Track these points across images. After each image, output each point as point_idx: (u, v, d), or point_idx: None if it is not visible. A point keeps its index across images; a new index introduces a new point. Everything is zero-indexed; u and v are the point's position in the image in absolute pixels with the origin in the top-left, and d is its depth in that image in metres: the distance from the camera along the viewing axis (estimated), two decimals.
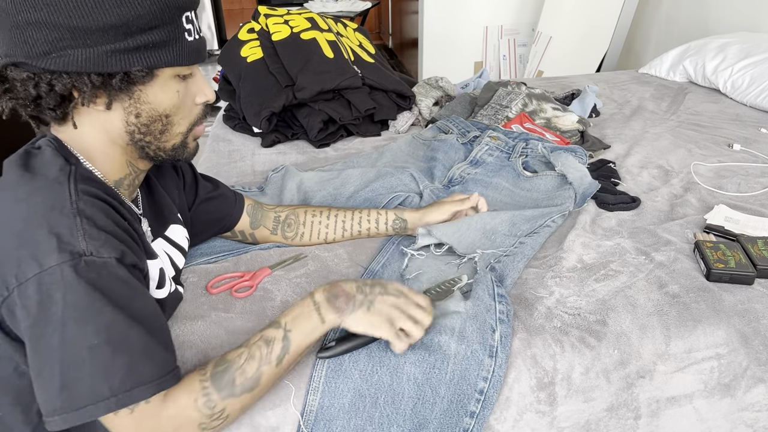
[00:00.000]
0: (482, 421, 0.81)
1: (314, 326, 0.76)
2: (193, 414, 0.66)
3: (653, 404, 0.90)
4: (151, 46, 0.67)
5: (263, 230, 1.08)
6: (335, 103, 1.65)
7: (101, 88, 0.67)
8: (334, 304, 0.77)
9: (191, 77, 0.75)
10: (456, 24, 3.35)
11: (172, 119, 0.74)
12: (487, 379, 0.82)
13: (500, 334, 0.86)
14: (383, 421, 0.79)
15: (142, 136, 0.73)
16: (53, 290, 0.60)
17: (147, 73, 0.68)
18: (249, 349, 0.72)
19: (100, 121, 0.70)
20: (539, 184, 1.32)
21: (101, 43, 0.64)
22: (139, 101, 0.70)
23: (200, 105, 0.77)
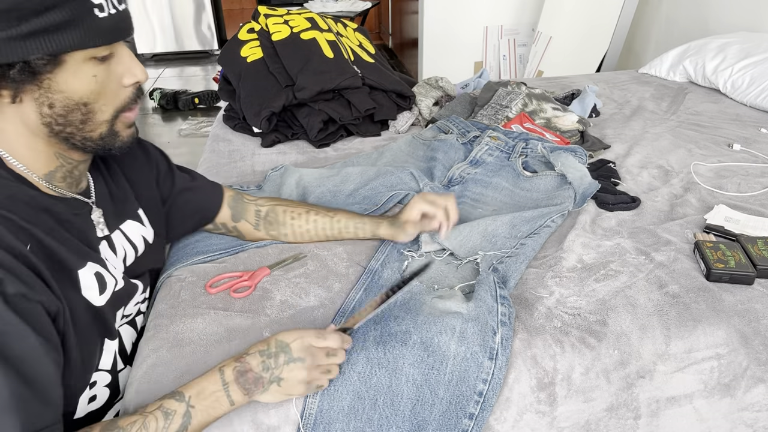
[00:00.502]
0: (481, 422, 0.81)
1: (219, 406, 0.70)
2: None
3: (653, 404, 0.90)
4: (50, 29, 0.59)
5: (246, 224, 1.06)
6: (335, 103, 1.65)
7: (2, 80, 0.60)
8: (243, 385, 0.71)
9: (114, 57, 0.66)
10: (456, 24, 3.35)
11: (92, 107, 0.66)
12: (486, 381, 0.82)
13: (501, 336, 0.86)
14: (382, 423, 0.78)
15: (61, 127, 0.66)
16: None
17: (50, 60, 0.60)
18: (144, 418, 0.65)
19: (14, 114, 0.64)
20: (539, 184, 1.32)
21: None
22: (49, 90, 0.63)
23: (129, 87, 0.69)
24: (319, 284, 0.99)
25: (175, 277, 1.00)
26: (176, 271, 1.02)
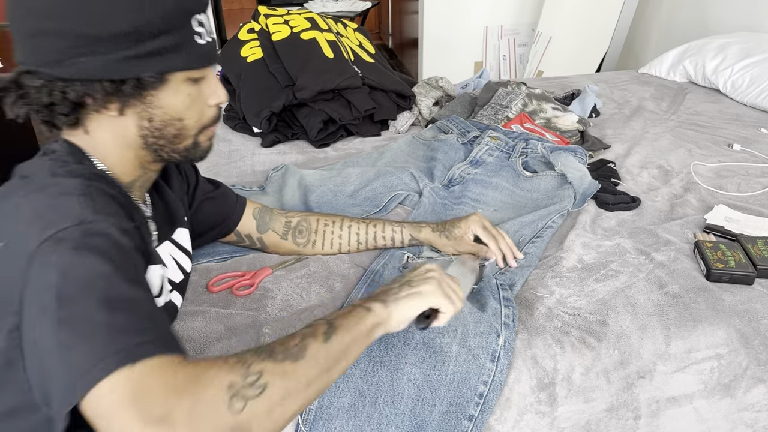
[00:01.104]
0: (481, 424, 0.81)
1: (360, 315, 0.69)
2: (219, 371, 0.52)
3: (653, 404, 0.90)
4: (162, 51, 0.67)
5: (272, 235, 1.05)
6: (335, 103, 1.65)
7: (114, 94, 0.67)
8: (375, 297, 0.73)
9: (204, 79, 0.74)
10: (456, 24, 3.35)
11: (185, 123, 0.73)
12: (487, 383, 0.82)
13: (504, 339, 0.86)
14: (382, 421, 0.78)
15: (155, 139, 0.72)
16: (51, 254, 0.55)
17: (158, 78, 0.68)
18: (287, 335, 0.64)
19: (114, 125, 0.70)
20: (539, 184, 1.32)
21: (112, 51, 0.64)
22: (151, 106, 0.70)
23: (213, 107, 0.77)
24: (321, 284, 0.99)
25: None
26: None
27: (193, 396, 0.49)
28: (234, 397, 0.51)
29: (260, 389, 0.54)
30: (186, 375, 0.51)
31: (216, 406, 0.50)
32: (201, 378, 0.51)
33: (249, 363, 0.55)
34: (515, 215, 1.21)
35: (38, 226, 0.57)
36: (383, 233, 1.07)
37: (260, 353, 0.57)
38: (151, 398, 0.49)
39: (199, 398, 0.50)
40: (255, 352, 0.58)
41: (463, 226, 1.04)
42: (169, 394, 0.49)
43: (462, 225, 1.04)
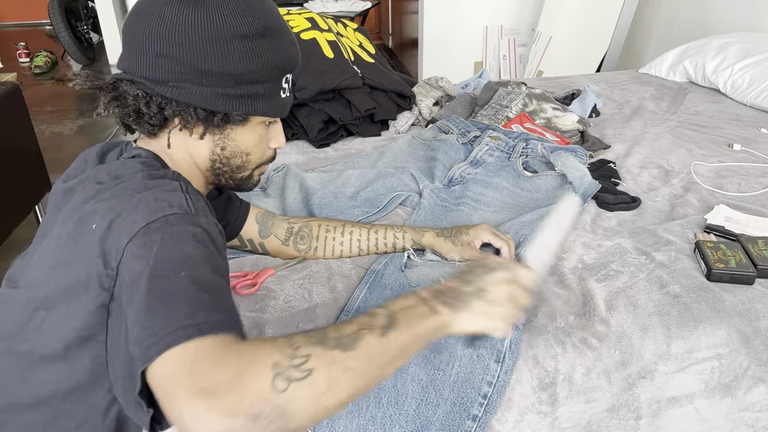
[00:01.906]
0: (484, 425, 0.81)
1: (423, 314, 0.64)
2: (266, 350, 0.53)
3: (654, 404, 0.90)
4: (253, 96, 0.76)
5: (274, 240, 1.06)
6: (335, 103, 1.65)
7: (202, 121, 0.75)
8: (442, 298, 0.66)
9: (273, 124, 0.84)
10: (456, 24, 3.35)
11: (250, 157, 0.82)
12: (491, 383, 0.82)
13: (510, 340, 0.86)
14: (386, 421, 0.79)
15: (221, 165, 0.81)
16: (155, 233, 0.61)
17: (244, 117, 0.77)
18: (346, 321, 0.63)
19: (189, 145, 0.78)
20: (539, 184, 1.32)
21: (214, 86, 0.73)
22: (228, 138, 0.79)
23: (272, 150, 0.87)
24: (323, 284, 0.99)
25: None
26: None
27: (237, 371, 0.50)
28: (278, 377, 0.51)
29: (306, 373, 0.53)
30: (235, 351, 0.53)
31: (259, 382, 0.50)
32: (247, 354, 0.52)
33: (297, 345, 0.54)
34: (515, 215, 1.21)
35: (145, 211, 0.63)
36: (385, 239, 1.08)
37: (311, 337, 0.56)
38: (201, 371, 0.51)
39: (243, 373, 0.50)
40: (306, 335, 0.57)
41: (472, 234, 1.05)
42: (216, 368, 0.51)
43: (471, 232, 1.05)
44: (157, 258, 0.59)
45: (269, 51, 0.75)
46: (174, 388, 0.50)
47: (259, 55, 0.74)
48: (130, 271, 0.60)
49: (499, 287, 0.68)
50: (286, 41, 0.79)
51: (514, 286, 0.69)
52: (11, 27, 6.04)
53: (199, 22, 0.71)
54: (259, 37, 0.74)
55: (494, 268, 0.70)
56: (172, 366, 0.52)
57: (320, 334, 0.57)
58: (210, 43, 0.72)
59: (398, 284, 0.98)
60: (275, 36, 0.76)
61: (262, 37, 0.74)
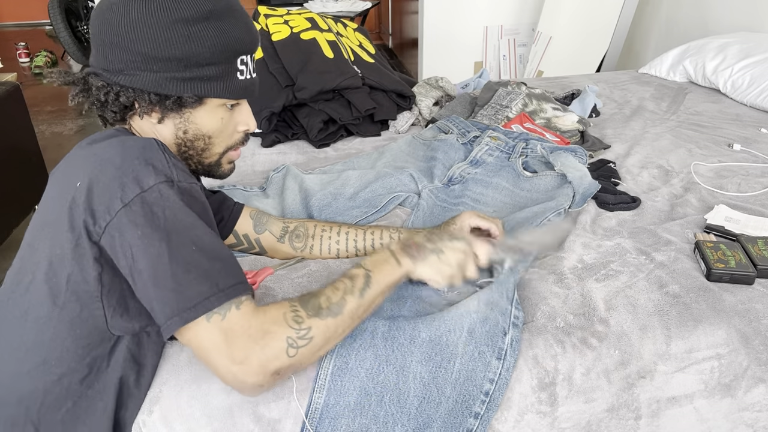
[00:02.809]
0: (486, 422, 0.81)
1: (392, 268, 0.83)
2: (281, 327, 0.70)
3: (654, 404, 0.90)
4: (204, 78, 0.79)
5: (269, 236, 1.06)
6: (335, 103, 1.65)
7: (157, 105, 0.79)
8: (408, 251, 0.86)
9: (238, 107, 0.86)
10: (456, 24, 3.35)
11: (213, 140, 0.85)
12: (493, 381, 0.82)
13: (511, 337, 0.86)
14: (388, 420, 0.79)
15: (186, 149, 0.84)
16: (155, 206, 0.68)
17: (196, 99, 0.80)
18: (333, 283, 0.79)
19: (155, 130, 0.82)
20: (539, 185, 1.32)
21: (163, 71, 0.77)
22: (187, 121, 0.82)
23: (241, 132, 0.88)
24: (322, 284, 0.99)
25: None
26: None
27: (263, 345, 0.68)
28: (290, 347, 0.70)
29: (308, 340, 0.72)
30: (260, 325, 0.69)
31: (278, 353, 0.69)
32: (269, 331, 0.69)
33: (301, 320, 0.72)
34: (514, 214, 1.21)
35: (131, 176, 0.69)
36: (381, 239, 1.08)
37: (309, 308, 0.74)
38: (236, 342, 0.68)
39: (267, 346, 0.69)
40: (305, 305, 0.74)
41: (458, 223, 1.07)
42: (249, 341, 0.68)
43: (457, 222, 1.07)
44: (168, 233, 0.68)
45: (216, 33, 0.77)
46: (212, 354, 0.68)
47: (204, 37, 0.77)
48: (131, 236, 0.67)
49: (455, 253, 0.88)
50: (236, 23, 0.80)
51: (467, 257, 0.89)
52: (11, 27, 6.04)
53: (144, 9, 0.75)
54: (204, 20, 0.76)
55: (457, 238, 0.90)
56: (207, 333, 0.67)
57: (316, 305, 0.74)
58: (154, 29, 0.75)
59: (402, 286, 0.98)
60: (222, 18, 0.78)
61: (207, 20, 0.77)
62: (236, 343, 0.68)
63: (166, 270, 0.67)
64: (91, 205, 0.68)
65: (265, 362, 0.68)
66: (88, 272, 0.70)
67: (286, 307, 0.73)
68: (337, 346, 0.82)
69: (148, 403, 0.78)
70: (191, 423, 0.77)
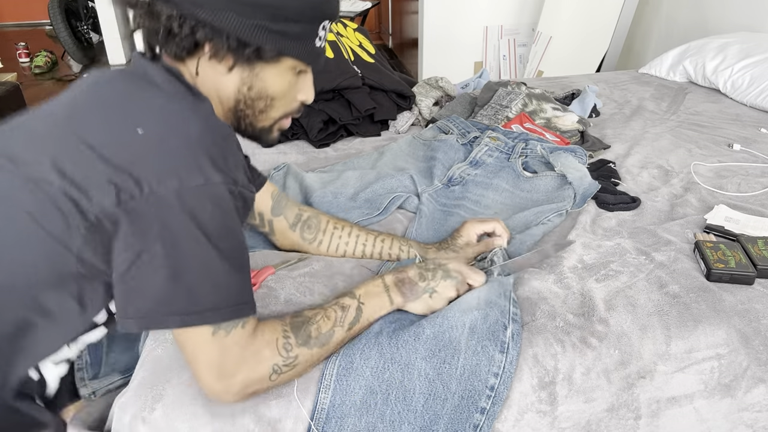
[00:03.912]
0: (492, 417, 0.81)
1: (383, 304, 0.84)
2: (272, 353, 0.72)
3: (653, 404, 0.90)
4: (288, 35, 0.74)
5: (283, 221, 1.04)
6: (335, 103, 1.65)
7: (233, 52, 0.73)
8: (401, 288, 0.86)
9: (304, 74, 0.82)
10: (456, 24, 3.35)
11: (274, 103, 0.80)
12: (497, 375, 0.82)
13: (512, 331, 0.86)
14: (394, 418, 0.79)
15: (245, 107, 0.79)
16: (209, 203, 0.65)
17: (275, 55, 0.75)
18: (325, 311, 0.79)
19: (217, 77, 0.76)
20: (539, 185, 1.32)
21: (251, 16, 0.71)
22: (256, 77, 0.77)
23: (298, 102, 0.84)
24: (324, 283, 0.99)
25: None
26: None
27: (252, 367, 0.70)
28: (274, 373, 0.72)
29: (292, 368, 0.74)
30: (255, 349, 0.70)
31: (262, 377, 0.71)
32: (261, 355, 0.71)
33: (290, 347, 0.73)
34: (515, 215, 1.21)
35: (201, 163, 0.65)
36: (390, 249, 1.08)
37: (299, 337, 0.75)
38: (229, 360, 0.68)
39: (255, 370, 0.70)
40: (297, 332, 0.75)
41: (464, 234, 1.07)
42: (241, 362, 0.69)
43: (462, 234, 1.08)
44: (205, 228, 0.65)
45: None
46: (201, 365, 0.68)
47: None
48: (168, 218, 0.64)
49: (447, 291, 0.88)
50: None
51: (460, 291, 0.90)
52: (11, 27, 6.04)
53: None
54: None
55: (450, 275, 0.89)
56: (206, 344, 0.67)
57: (306, 334, 0.76)
58: None
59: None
60: None
61: None
62: (229, 361, 0.68)
63: (190, 267, 0.65)
64: (141, 162, 0.63)
65: (249, 384, 0.70)
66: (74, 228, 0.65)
67: (279, 332, 0.74)
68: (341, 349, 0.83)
69: (151, 400, 0.78)
70: (193, 422, 0.77)
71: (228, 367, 0.69)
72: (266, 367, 0.71)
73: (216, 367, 0.68)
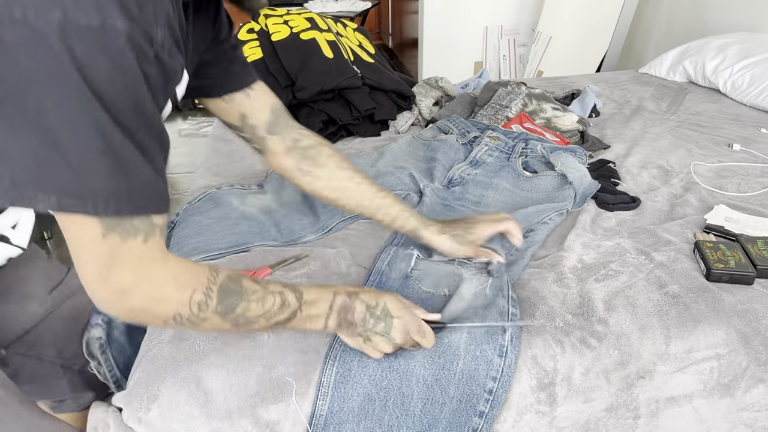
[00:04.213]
0: (491, 420, 0.81)
1: (316, 324, 0.76)
2: (179, 300, 0.61)
3: (653, 404, 0.90)
4: None
5: (277, 143, 0.92)
6: (335, 104, 1.65)
7: None
8: (343, 318, 0.77)
9: None
10: (456, 24, 3.35)
11: None
12: (496, 378, 0.82)
13: (510, 334, 0.86)
14: (393, 423, 0.78)
15: None
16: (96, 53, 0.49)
17: None
18: (265, 293, 0.69)
19: None
20: (539, 185, 1.32)
21: None
22: None
23: None
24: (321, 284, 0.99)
25: None
26: None
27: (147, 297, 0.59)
28: (173, 320, 0.62)
29: (194, 326, 0.64)
30: (153, 277, 0.58)
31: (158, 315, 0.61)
32: (162, 293, 0.59)
33: (205, 309, 0.63)
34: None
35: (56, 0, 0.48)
36: (388, 210, 0.98)
37: (222, 305, 0.64)
38: (121, 273, 0.56)
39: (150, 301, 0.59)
40: (223, 298, 0.64)
41: (476, 233, 0.99)
42: (134, 282, 0.57)
43: (475, 232, 0.99)
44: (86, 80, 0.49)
45: None
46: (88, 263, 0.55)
47: None
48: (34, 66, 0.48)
49: (382, 345, 0.78)
50: None
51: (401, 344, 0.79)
52: None
53: None
54: None
55: (392, 333, 0.78)
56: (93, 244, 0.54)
57: (231, 306, 0.65)
58: None
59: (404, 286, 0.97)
60: None
61: None
62: (122, 273, 0.56)
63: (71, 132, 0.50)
64: None
65: (140, 312, 0.59)
66: None
67: (201, 285, 0.63)
68: (339, 354, 0.81)
69: (146, 401, 0.78)
70: (189, 422, 0.77)
71: (119, 279, 0.56)
72: (166, 309, 0.60)
73: (103, 272, 0.55)
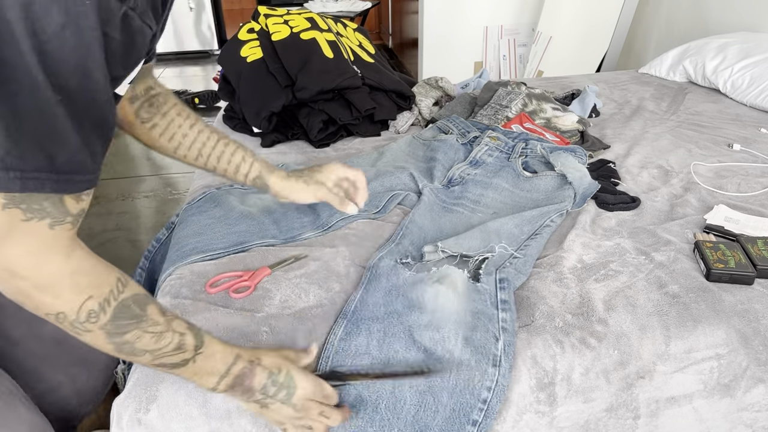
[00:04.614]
0: (485, 429, 0.81)
1: (207, 381, 0.69)
2: (71, 302, 0.56)
3: (653, 404, 0.90)
4: None
5: (127, 93, 0.82)
6: (335, 104, 1.65)
7: None
8: (235, 386, 0.70)
9: None
10: (456, 24, 3.35)
11: None
12: (490, 388, 0.82)
13: (503, 343, 0.85)
14: (384, 424, 0.78)
15: None
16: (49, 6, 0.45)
17: None
18: (165, 329, 0.64)
19: None
20: (539, 185, 1.32)
21: None
22: None
23: None
24: (319, 285, 0.99)
25: (175, 275, 1.01)
26: (176, 270, 1.02)
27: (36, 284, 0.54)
28: (56, 318, 0.56)
29: (77, 334, 0.58)
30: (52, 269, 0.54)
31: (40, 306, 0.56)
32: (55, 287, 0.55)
33: (93, 320, 0.57)
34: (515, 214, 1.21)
35: None
36: (231, 156, 0.94)
37: (115, 323, 0.59)
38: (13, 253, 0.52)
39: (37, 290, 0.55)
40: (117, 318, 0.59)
41: (325, 171, 1.03)
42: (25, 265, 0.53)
43: (324, 170, 1.03)
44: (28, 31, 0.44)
45: None
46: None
47: None
48: None
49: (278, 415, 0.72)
50: None
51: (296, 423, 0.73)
52: None
53: None
54: None
55: (294, 404, 0.72)
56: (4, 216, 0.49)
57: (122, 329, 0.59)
58: None
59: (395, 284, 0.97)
60: None
61: None
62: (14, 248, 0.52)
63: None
64: None
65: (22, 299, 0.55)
66: None
67: (100, 295, 0.58)
68: (331, 355, 0.82)
69: (145, 401, 0.78)
70: (189, 422, 0.77)
71: (9, 255, 0.52)
72: (51, 304, 0.55)
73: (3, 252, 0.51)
